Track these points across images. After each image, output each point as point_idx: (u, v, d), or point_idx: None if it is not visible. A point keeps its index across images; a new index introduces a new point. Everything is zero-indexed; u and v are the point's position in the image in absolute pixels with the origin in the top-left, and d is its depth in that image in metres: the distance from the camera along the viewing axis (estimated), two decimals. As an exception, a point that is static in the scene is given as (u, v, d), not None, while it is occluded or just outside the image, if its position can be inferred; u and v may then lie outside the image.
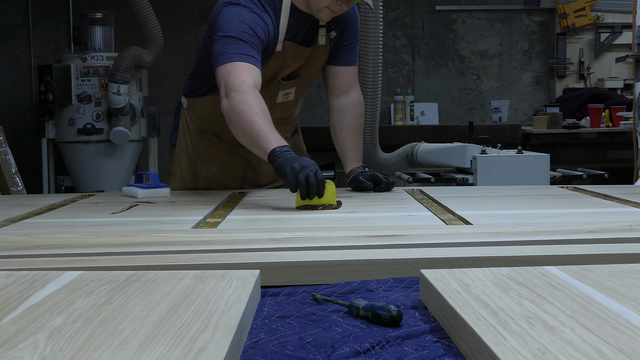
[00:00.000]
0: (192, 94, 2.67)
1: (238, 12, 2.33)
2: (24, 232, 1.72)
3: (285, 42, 2.43)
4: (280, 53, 2.44)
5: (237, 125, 2.20)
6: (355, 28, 2.60)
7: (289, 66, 2.49)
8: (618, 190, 2.41)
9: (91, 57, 5.77)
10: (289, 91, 2.58)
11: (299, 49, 2.47)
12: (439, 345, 0.99)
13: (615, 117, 6.32)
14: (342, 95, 2.63)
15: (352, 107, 2.63)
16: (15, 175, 5.09)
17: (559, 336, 0.86)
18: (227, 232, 1.64)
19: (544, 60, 7.17)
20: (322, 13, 2.37)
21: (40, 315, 0.99)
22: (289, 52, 2.45)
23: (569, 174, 4.29)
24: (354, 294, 1.27)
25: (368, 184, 2.48)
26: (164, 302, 1.05)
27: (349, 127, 2.62)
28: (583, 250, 1.46)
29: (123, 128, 5.64)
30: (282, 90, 2.56)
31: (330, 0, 2.31)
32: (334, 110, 2.64)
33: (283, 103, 2.60)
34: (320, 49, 2.52)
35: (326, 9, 2.34)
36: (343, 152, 2.62)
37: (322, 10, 2.35)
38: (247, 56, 2.27)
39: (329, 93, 2.66)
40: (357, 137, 2.64)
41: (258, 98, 2.19)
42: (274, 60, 2.44)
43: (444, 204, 2.11)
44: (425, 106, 6.98)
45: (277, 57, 2.44)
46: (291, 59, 2.48)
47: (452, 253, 1.44)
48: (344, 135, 2.62)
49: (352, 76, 2.64)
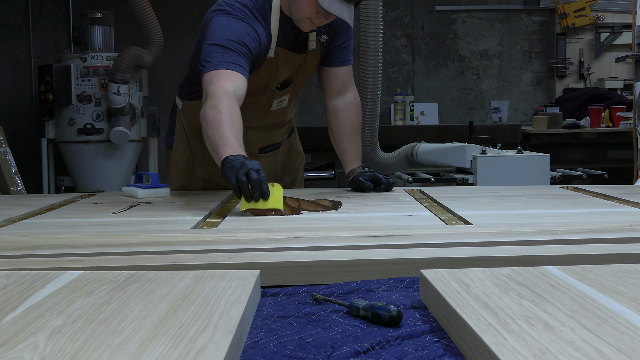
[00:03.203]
0: (187, 97, 2.67)
1: (228, 22, 2.33)
2: (24, 232, 1.72)
3: (277, 48, 2.43)
4: (272, 59, 2.44)
5: (204, 131, 2.16)
6: (347, 27, 2.57)
7: (282, 73, 2.49)
8: (618, 190, 2.41)
9: (91, 57, 5.77)
10: (282, 98, 2.59)
11: (291, 55, 2.46)
12: (439, 345, 0.99)
13: (615, 117, 6.32)
14: (338, 96, 2.63)
15: (349, 107, 2.63)
16: (15, 175, 5.09)
17: (559, 336, 0.86)
18: (227, 232, 1.64)
19: (544, 60, 7.17)
20: (303, 23, 2.36)
21: (40, 315, 0.99)
22: (281, 58, 2.45)
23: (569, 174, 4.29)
24: (354, 294, 1.27)
25: (368, 184, 2.48)
26: (164, 302, 1.05)
27: (346, 127, 2.62)
28: (583, 250, 1.46)
29: (123, 128, 5.64)
30: (276, 99, 2.56)
31: (311, 12, 2.31)
32: (330, 112, 2.64)
33: (277, 110, 2.61)
34: (311, 54, 2.52)
35: (307, 20, 2.35)
36: (342, 153, 2.62)
37: (302, 20, 2.36)
38: (233, 64, 2.26)
39: (324, 94, 2.66)
40: (355, 137, 2.64)
41: (230, 104, 2.14)
42: (266, 67, 2.44)
43: (444, 204, 2.11)
44: (425, 106, 6.98)
45: (270, 64, 2.44)
46: (284, 65, 2.47)
47: (452, 253, 1.44)
48: (342, 136, 2.62)
49: (347, 76, 2.63)
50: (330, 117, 2.64)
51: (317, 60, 2.56)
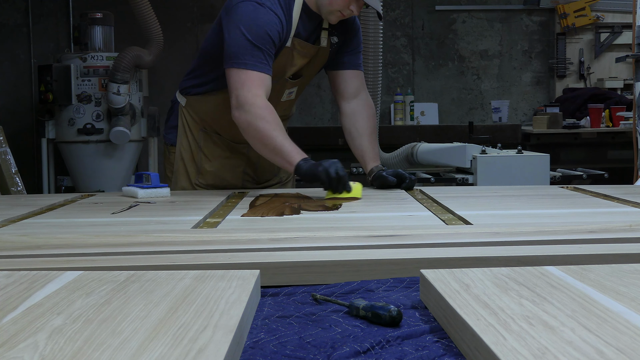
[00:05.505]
0: (192, 92, 2.68)
1: (256, 12, 2.38)
2: (24, 232, 1.71)
3: (294, 38, 2.49)
4: (289, 49, 2.50)
5: (256, 140, 2.38)
6: (358, 36, 2.69)
7: (296, 63, 2.55)
8: (618, 190, 2.41)
9: (91, 57, 5.77)
10: (292, 90, 2.65)
11: (306, 46, 2.53)
12: (439, 345, 0.99)
13: (615, 117, 6.32)
14: (353, 99, 2.71)
15: (364, 109, 2.70)
16: (15, 175, 5.09)
17: (559, 336, 0.86)
18: (227, 232, 1.64)
19: (544, 60, 7.16)
20: (333, 16, 2.46)
21: (40, 315, 0.99)
22: (296, 48, 2.51)
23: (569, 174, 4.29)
24: (354, 294, 1.27)
25: (392, 179, 2.53)
26: (164, 302, 1.05)
27: (363, 128, 2.69)
28: (583, 250, 1.46)
29: (123, 128, 5.64)
30: (287, 89, 2.63)
31: (342, 4, 2.41)
32: (346, 114, 2.70)
33: (285, 102, 2.67)
34: (322, 50, 2.59)
35: (337, 12, 2.44)
36: (361, 153, 2.68)
37: (333, 13, 2.44)
38: (261, 65, 2.37)
39: (339, 97, 2.72)
40: (373, 137, 2.71)
41: (273, 113, 2.36)
42: (282, 56, 2.49)
43: (444, 204, 2.11)
44: (425, 106, 6.98)
45: (286, 53, 2.50)
46: (298, 56, 2.53)
47: (452, 253, 1.44)
48: (360, 137, 2.68)
49: (360, 80, 2.72)
50: (347, 120, 2.70)
51: (325, 57, 2.62)
